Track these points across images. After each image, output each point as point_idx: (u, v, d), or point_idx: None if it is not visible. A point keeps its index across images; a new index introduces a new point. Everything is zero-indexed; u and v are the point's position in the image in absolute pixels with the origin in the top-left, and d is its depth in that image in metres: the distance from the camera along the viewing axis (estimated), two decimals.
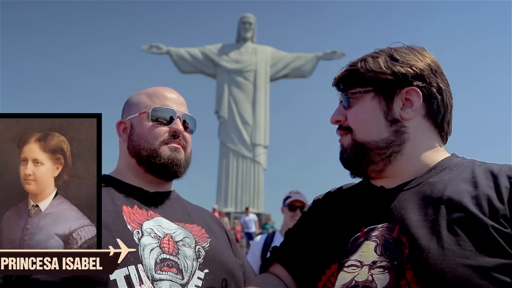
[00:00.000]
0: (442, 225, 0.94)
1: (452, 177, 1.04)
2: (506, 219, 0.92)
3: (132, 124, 1.42)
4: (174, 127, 1.39)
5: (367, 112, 1.11)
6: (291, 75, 25.25)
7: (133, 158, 1.40)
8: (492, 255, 0.88)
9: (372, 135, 1.10)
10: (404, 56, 1.12)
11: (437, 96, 1.11)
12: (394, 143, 1.09)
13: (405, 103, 1.10)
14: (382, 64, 1.11)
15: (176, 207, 1.43)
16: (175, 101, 1.44)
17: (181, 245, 1.28)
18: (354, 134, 1.12)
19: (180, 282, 1.21)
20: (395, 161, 1.10)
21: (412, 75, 1.10)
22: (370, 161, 1.11)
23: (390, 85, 1.10)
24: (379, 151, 1.09)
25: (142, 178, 1.40)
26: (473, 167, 1.06)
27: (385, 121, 1.10)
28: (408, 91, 1.10)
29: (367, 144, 1.10)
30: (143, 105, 1.42)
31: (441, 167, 1.08)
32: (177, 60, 24.26)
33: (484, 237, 0.90)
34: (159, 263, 1.20)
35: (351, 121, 1.12)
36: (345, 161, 1.15)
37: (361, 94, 1.12)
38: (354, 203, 1.16)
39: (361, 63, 1.13)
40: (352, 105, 1.13)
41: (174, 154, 1.38)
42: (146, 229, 1.26)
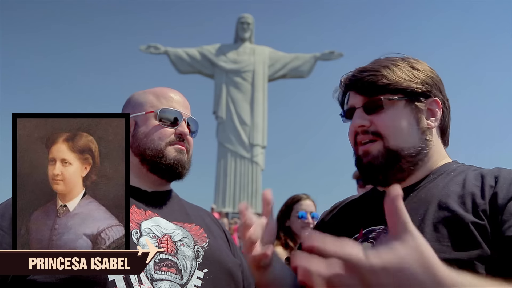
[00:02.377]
0: (428, 224, 0.99)
1: (447, 182, 1.08)
2: (485, 213, 0.96)
3: (137, 122, 1.41)
4: (180, 129, 1.40)
5: (402, 119, 1.11)
6: (289, 76, 25.27)
7: (137, 157, 1.39)
8: (468, 249, 0.93)
9: (406, 142, 1.10)
10: (422, 67, 1.16)
11: (448, 108, 1.18)
12: (423, 151, 1.12)
13: (427, 113, 1.14)
14: (409, 73, 1.13)
15: (174, 207, 1.44)
16: (181, 103, 1.45)
17: (180, 245, 1.29)
18: (387, 141, 1.10)
19: (179, 282, 1.21)
20: (416, 169, 1.12)
21: (434, 86, 1.15)
22: (399, 169, 1.11)
23: (420, 94, 1.13)
24: (410, 158, 1.10)
25: (143, 178, 1.40)
26: (468, 171, 1.09)
27: (417, 129, 1.12)
28: (432, 101, 1.14)
29: (400, 151, 1.10)
30: (150, 105, 1.42)
31: (439, 172, 1.12)
32: (175, 60, 24.23)
33: (463, 234, 0.94)
34: (158, 263, 1.20)
35: (383, 127, 1.11)
36: (375, 168, 1.12)
37: (394, 101, 1.11)
38: (355, 208, 1.22)
39: (387, 70, 1.13)
40: (382, 111, 1.12)
41: (180, 156, 1.38)
42: (144, 229, 1.26)
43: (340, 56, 24.66)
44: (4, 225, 1.18)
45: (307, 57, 24.74)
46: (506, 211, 0.95)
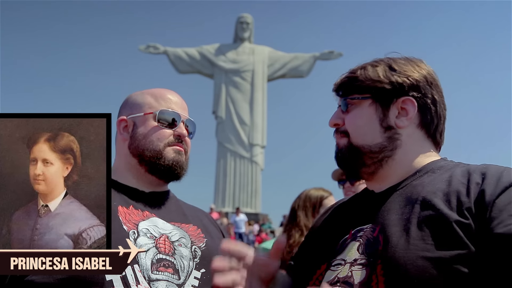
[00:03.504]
0: (413, 222, 1.00)
1: (433, 179, 1.08)
2: (470, 211, 0.96)
3: (135, 123, 1.41)
4: (178, 131, 1.40)
5: (363, 117, 1.16)
6: (289, 75, 25.30)
7: (135, 158, 1.39)
8: (451, 247, 0.93)
9: (366, 140, 1.15)
10: (402, 67, 1.17)
11: (431, 107, 1.16)
12: (386, 148, 1.14)
13: (401, 111, 1.15)
14: (381, 73, 1.16)
15: (172, 207, 1.44)
16: (179, 105, 1.45)
17: (177, 245, 1.29)
18: (351, 138, 1.16)
19: (176, 282, 1.21)
20: (386, 165, 1.14)
21: (408, 85, 1.15)
22: (362, 164, 1.15)
23: (387, 93, 1.15)
24: (372, 155, 1.14)
25: (141, 179, 1.40)
26: (455, 168, 1.09)
27: (380, 127, 1.15)
28: (404, 100, 1.15)
29: (361, 148, 1.14)
30: (148, 106, 1.42)
31: (426, 169, 1.12)
32: (174, 60, 24.25)
33: (446, 232, 0.95)
34: (156, 263, 1.20)
35: (348, 125, 1.17)
36: (340, 160, 1.20)
37: (359, 101, 1.17)
38: (345, 210, 1.24)
39: (361, 71, 1.18)
40: (350, 110, 1.18)
41: (178, 157, 1.39)
42: (142, 229, 1.27)
43: (340, 55, 24.68)
44: None
45: (307, 57, 24.75)
46: (494, 208, 0.94)
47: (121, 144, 1.44)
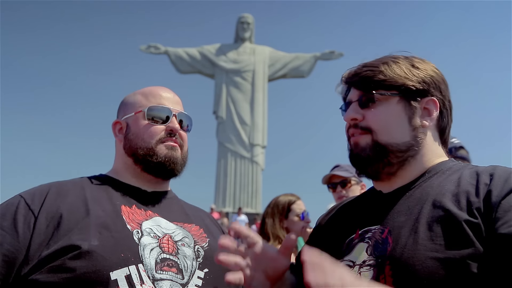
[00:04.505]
0: (422, 223, 0.99)
1: (442, 180, 1.07)
2: (479, 211, 0.95)
3: (128, 123, 1.41)
4: (170, 125, 1.39)
5: (392, 114, 1.12)
6: (289, 75, 25.29)
7: (130, 157, 1.39)
8: (461, 247, 0.92)
9: (395, 138, 1.11)
10: (423, 65, 1.15)
11: (448, 108, 1.17)
12: (413, 147, 1.12)
13: (423, 112, 1.14)
14: (407, 70, 1.13)
15: (174, 207, 1.43)
16: (170, 100, 1.44)
17: (181, 245, 1.28)
18: (376, 135, 1.11)
19: (180, 281, 1.21)
20: (408, 164, 1.12)
21: (433, 86, 1.14)
22: (387, 163, 1.11)
23: (415, 92, 1.12)
24: (399, 153, 1.11)
25: (139, 177, 1.40)
26: (463, 170, 1.09)
27: (408, 126, 1.12)
28: (429, 101, 1.14)
29: (388, 146, 1.10)
30: (139, 105, 1.42)
31: (435, 170, 1.12)
32: (175, 60, 24.25)
33: (456, 232, 0.94)
34: (160, 263, 1.20)
35: (373, 121, 1.12)
36: (363, 160, 1.13)
37: (387, 97, 1.12)
38: (352, 209, 1.22)
39: (385, 66, 1.13)
40: (373, 106, 1.13)
41: (171, 152, 1.38)
42: (145, 229, 1.26)
43: (341, 55, 24.66)
44: (5, 225, 1.18)
45: (307, 57, 24.74)
46: (500, 208, 0.94)
47: (118, 146, 1.45)
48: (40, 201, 1.23)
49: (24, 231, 1.16)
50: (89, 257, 1.12)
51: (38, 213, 1.19)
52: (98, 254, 1.13)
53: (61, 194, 1.26)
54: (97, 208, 1.25)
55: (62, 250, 1.12)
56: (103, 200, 1.29)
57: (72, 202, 1.25)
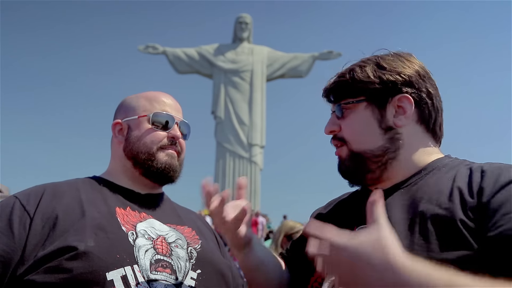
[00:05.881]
0: (417, 222, 0.98)
1: (438, 177, 1.06)
2: (473, 211, 0.94)
3: (130, 126, 1.42)
4: (172, 133, 1.41)
5: (361, 122, 1.12)
6: (288, 75, 25.32)
7: (129, 160, 1.40)
8: (456, 248, 0.91)
9: (367, 144, 1.11)
10: (391, 64, 1.13)
11: (428, 100, 1.13)
12: (390, 150, 1.11)
13: (398, 110, 1.12)
14: (371, 73, 1.12)
15: (167, 210, 1.45)
16: (173, 107, 1.46)
17: (174, 246, 1.30)
18: (350, 144, 1.13)
19: (174, 282, 1.21)
20: (390, 167, 1.11)
21: (401, 82, 1.11)
22: (367, 170, 1.12)
23: (381, 93, 1.12)
24: (376, 159, 1.11)
25: (136, 181, 1.41)
26: (459, 167, 1.08)
27: (379, 130, 1.12)
28: (400, 98, 1.12)
29: (363, 153, 1.11)
30: (143, 109, 1.43)
31: (431, 168, 1.10)
32: (173, 60, 24.25)
33: (451, 232, 0.93)
34: (154, 264, 1.21)
35: (345, 132, 1.14)
36: (344, 173, 1.16)
37: (354, 104, 1.13)
38: (349, 206, 1.21)
39: (350, 74, 1.14)
40: (345, 115, 1.14)
41: (171, 160, 1.40)
42: (140, 230, 1.27)
43: (339, 55, 24.69)
44: (0, 225, 1.18)
45: (306, 57, 24.78)
46: (490, 207, 0.93)
47: (116, 147, 1.45)
48: (35, 202, 1.23)
49: (19, 231, 1.16)
50: (86, 258, 1.13)
51: (34, 214, 1.20)
52: (94, 255, 1.13)
53: (56, 195, 1.27)
54: (93, 210, 1.25)
55: (58, 251, 1.13)
56: (98, 201, 1.30)
57: (68, 203, 1.25)
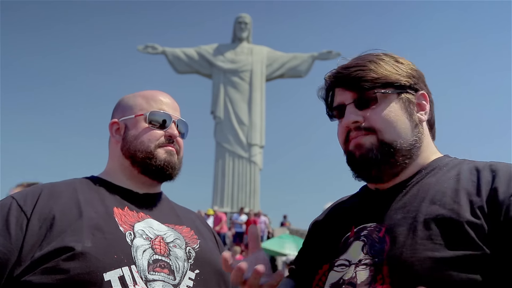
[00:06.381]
0: (420, 221, 0.96)
1: (439, 177, 1.05)
2: (482, 211, 0.93)
3: (127, 125, 1.42)
4: (169, 131, 1.41)
5: (394, 112, 1.07)
6: (287, 75, 25.27)
7: (128, 159, 1.40)
8: (461, 248, 0.90)
9: (401, 136, 1.07)
10: (405, 61, 1.13)
11: (432, 102, 1.15)
12: (416, 145, 1.09)
13: (418, 107, 1.11)
14: (395, 67, 1.10)
15: (165, 209, 1.45)
16: (170, 106, 1.46)
17: (172, 246, 1.30)
18: (382, 134, 1.06)
19: (172, 282, 1.22)
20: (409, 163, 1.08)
21: (420, 80, 1.12)
22: (393, 163, 1.07)
23: (408, 88, 1.10)
24: (405, 152, 1.07)
25: (135, 180, 1.41)
26: (461, 165, 1.07)
27: (410, 122, 1.09)
28: (420, 95, 1.11)
29: (394, 144, 1.06)
30: (139, 108, 1.43)
31: (431, 167, 1.09)
32: (172, 60, 24.21)
33: (456, 232, 0.92)
34: (152, 264, 1.21)
35: (377, 121, 1.07)
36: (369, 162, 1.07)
37: (386, 94, 1.08)
38: (347, 207, 1.20)
39: (374, 64, 1.09)
40: (374, 105, 1.08)
41: (169, 157, 1.40)
42: (137, 230, 1.27)
43: (338, 55, 24.59)
44: None
45: (305, 57, 24.74)
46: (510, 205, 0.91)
47: (114, 147, 1.45)
48: (32, 203, 1.23)
49: (16, 232, 1.16)
50: (83, 258, 1.13)
51: (31, 215, 1.20)
52: (91, 255, 1.14)
53: (53, 196, 1.27)
54: (90, 210, 1.25)
55: (55, 252, 1.13)
56: (96, 202, 1.30)
57: (65, 203, 1.25)
